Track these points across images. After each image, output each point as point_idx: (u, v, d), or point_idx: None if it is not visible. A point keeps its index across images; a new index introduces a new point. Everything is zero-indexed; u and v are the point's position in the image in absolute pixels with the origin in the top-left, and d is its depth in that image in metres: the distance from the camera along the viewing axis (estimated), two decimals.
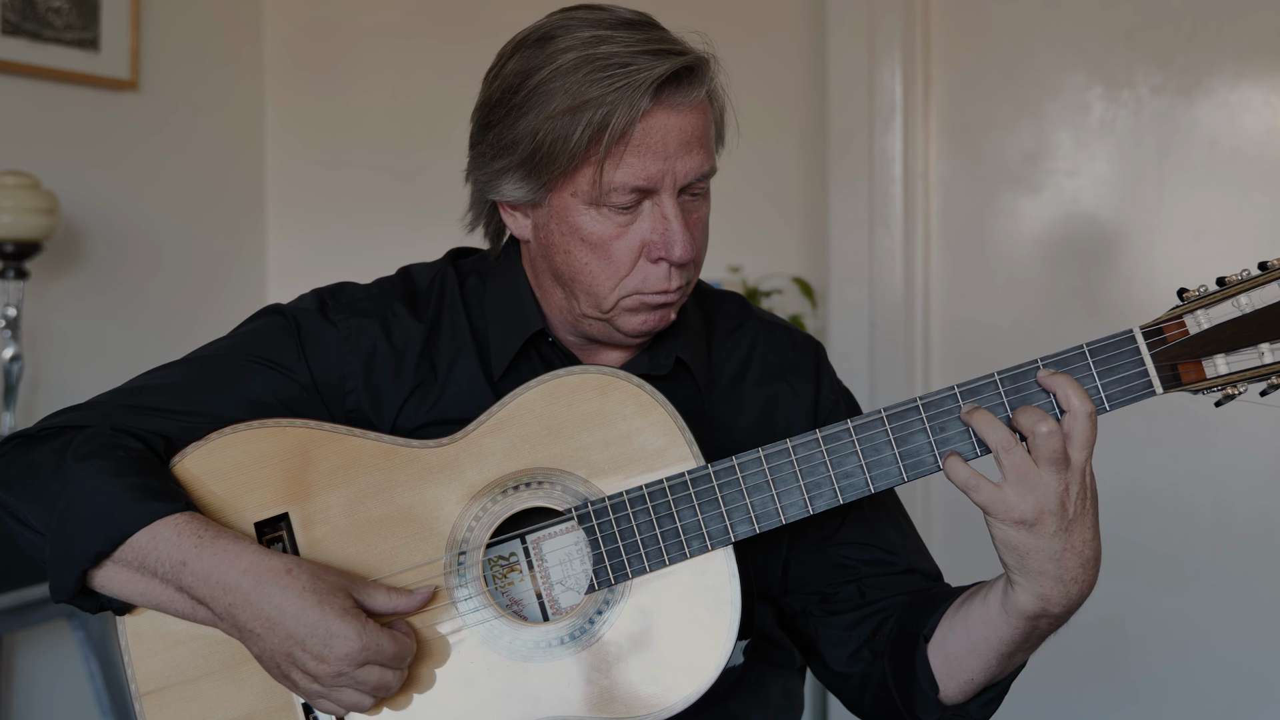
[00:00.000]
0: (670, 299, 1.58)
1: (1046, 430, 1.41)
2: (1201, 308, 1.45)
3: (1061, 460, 1.42)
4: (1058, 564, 1.44)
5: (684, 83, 1.52)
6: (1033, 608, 1.47)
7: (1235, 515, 3.28)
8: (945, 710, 1.59)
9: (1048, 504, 1.42)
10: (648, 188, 1.53)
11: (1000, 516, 1.43)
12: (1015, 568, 1.46)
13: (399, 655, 1.46)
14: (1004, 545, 1.45)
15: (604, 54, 1.50)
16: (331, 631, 1.43)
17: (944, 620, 1.57)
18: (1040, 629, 1.50)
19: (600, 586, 1.52)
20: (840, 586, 1.68)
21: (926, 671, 1.57)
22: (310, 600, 1.44)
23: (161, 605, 1.52)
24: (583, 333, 1.64)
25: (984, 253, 3.46)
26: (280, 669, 1.47)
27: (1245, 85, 3.25)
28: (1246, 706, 3.29)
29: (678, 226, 1.54)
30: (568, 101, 1.50)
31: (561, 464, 1.54)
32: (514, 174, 1.56)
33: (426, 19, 3.83)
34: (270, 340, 1.65)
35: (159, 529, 1.48)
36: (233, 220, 3.89)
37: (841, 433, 1.50)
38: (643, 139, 1.51)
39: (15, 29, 3.21)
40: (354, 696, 1.46)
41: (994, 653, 1.53)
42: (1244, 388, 1.45)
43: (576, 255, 1.57)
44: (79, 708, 3.36)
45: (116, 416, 1.58)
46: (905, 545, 1.71)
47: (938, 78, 3.48)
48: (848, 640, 1.67)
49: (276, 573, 1.46)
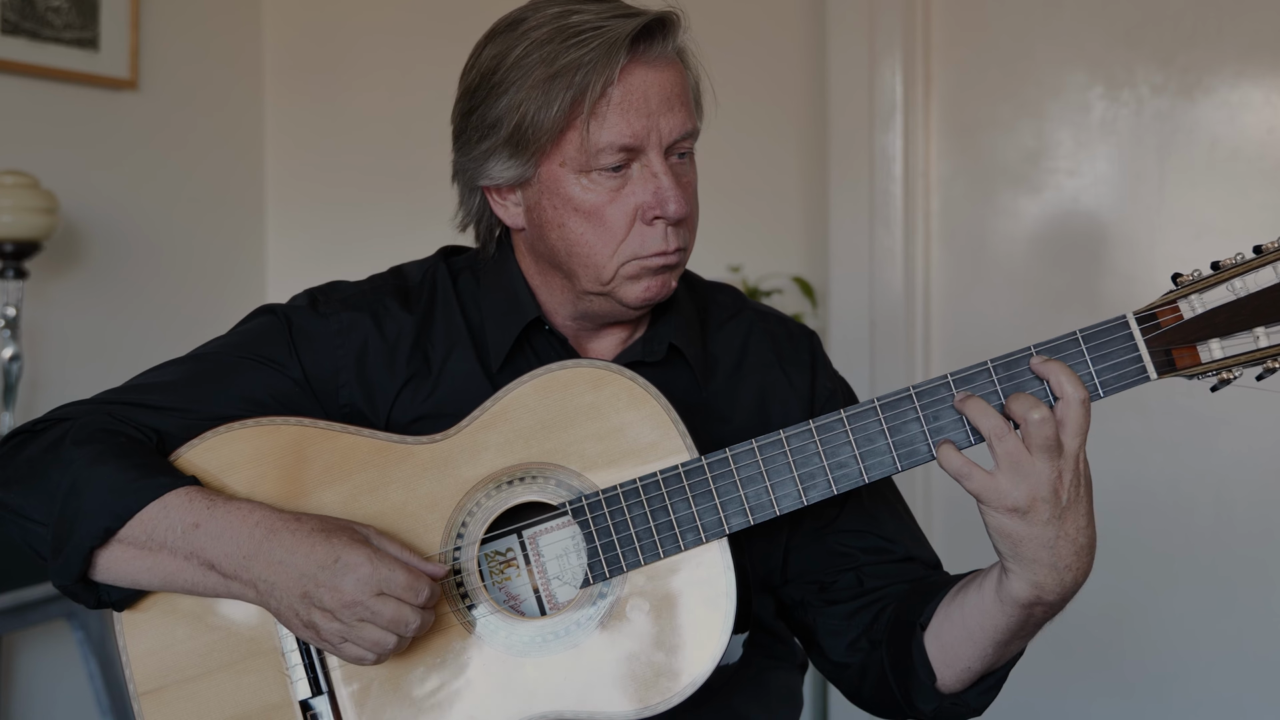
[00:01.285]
0: (669, 260, 1.58)
1: (1039, 417, 1.41)
2: (1195, 292, 1.45)
3: (1054, 447, 1.42)
4: (1051, 551, 1.44)
5: (657, 37, 1.54)
6: (1027, 595, 1.47)
7: (1236, 515, 3.27)
8: (943, 699, 1.59)
9: (1040, 491, 1.42)
10: (634, 145, 1.54)
11: (993, 504, 1.43)
12: (1009, 555, 1.46)
13: (411, 585, 1.44)
14: (997, 533, 1.45)
15: (575, 23, 1.52)
16: (340, 559, 1.43)
17: (940, 609, 1.57)
18: (1035, 616, 1.50)
19: (595, 580, 1.52)
20: (839, 575, 1.68)
21: (924, 660, 1.57)
22: (319, 538, 1.45)
23: (169, 579, 1.51)
24: (584, 312, 1.64)
25: (984, 252, 3.46)
26: (299, 616, 1.46)
27: (1246, 84, 3.25)
28: (1246, 706, 3.28)
29: (669, 183, 1.55)
30: (545, 70, 1.51)
31: (555, 458, 1.53)
32: (501, 153, 1.57)
33: (426, 20, 3.83)
34: (263, 338, 1.66)
35: (169, 499, 1.49)
36: (232, 220, 3.89)
37: (835, 423, 1.50)
38: (624, 96, 1.52)
39: (14, 28, 3.21)
40: (374, 633, 1.44)
41: (990, 641, 1.53)
42: (1239, 372, 1.45)
43: (571, 227, 1.57)
44: (78, 708, 3.35)
45: (111, 414, 1.59)
46: (903, 533, 1.71)
47: (938, 77, 3.48)
48: (846, 630, 1.67)
49: (286, 521, 1.47)
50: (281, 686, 1.54)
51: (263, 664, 1.54)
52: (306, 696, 1.54)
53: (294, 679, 1.54)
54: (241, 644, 1.55)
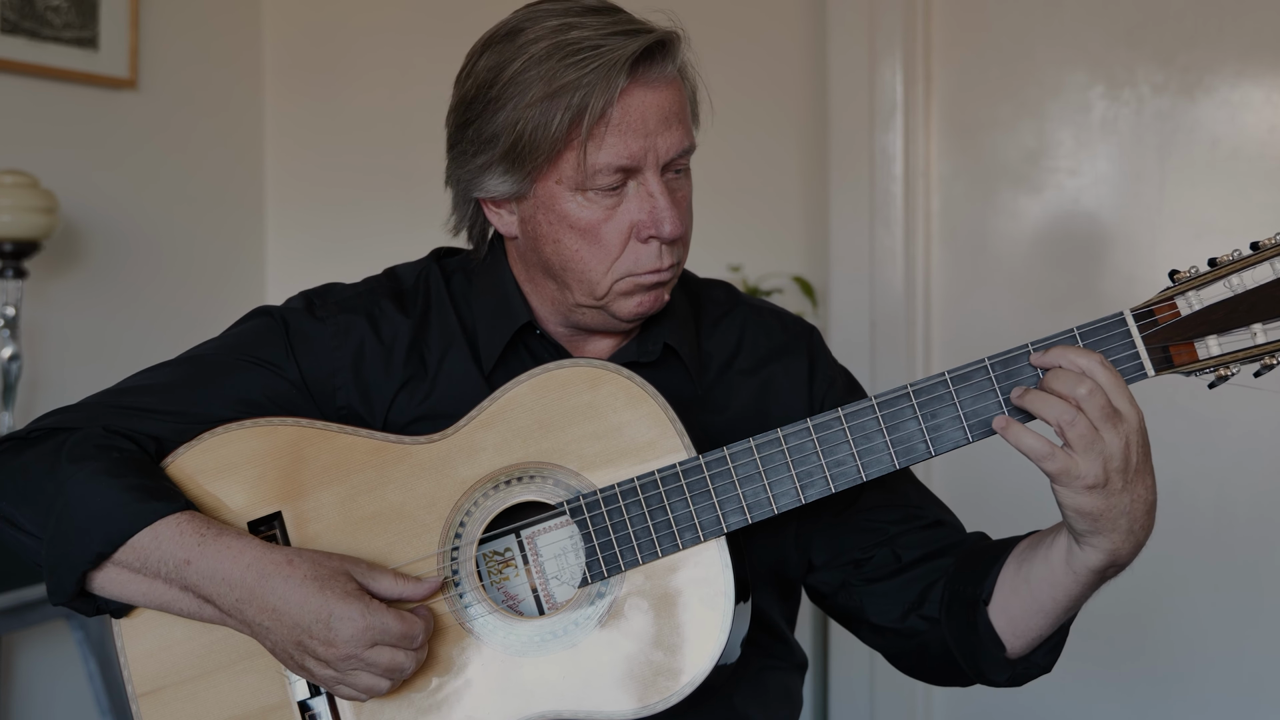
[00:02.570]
0: (663, 278, 1.58)
1: (1086, 390, 1.41)
2: (1193, 289, 1.44)
3: (1113, 414, 1.42)
4: (1128, 517, 1.45)
5: (657, 58, 1.53)
6: (1103, 562, 1.49)
7: (1237, 515, 3.27)
8: (1015, 666, 1.61)
9: (1114, 463, 1.42)
10: (631, 166, 1.53)
11: (1070, 485, 1.43)
12: (1087, 531, 1.46)
13: (406, 635, 1.46)
14: (1076, 512, 1.45)
15: (574, 39, 1.51)
16: (334, 614, 1.44)
17: (1003, 583, 1.58)
18: (1107, 577, 1.53)
19: (593, 580, 1.52)
20: (874, 550, 1.69)
21: (992, 636, 1.58)
22: (312, 588, 1.45)
23: (165, 605, 1.52)
24: (576, 323, 1.64)
25: (985, 252, 3.46)
26: (294, 659, 1.47)
27: (1247, 84, 3.24)
28: (1247, 705, 3.28)
29: (664, 203, 1.55)
30: (544, 88, 1.51)
31: (553, 458, 1.53)
32: (497, 168, 1.57)
33: (426, 19, 3.83)
34: (259, 340, 1.66)
35: (160, 529, 1.48)
36: (232, 220, 3.89)
37: (832, 421, 1.50)
38: (622, 118, 1.52)
39: (14, 27, 3.21)
40: (368, 679, 1.46)
41: (1061, 609, 1.55)
42: (1237, 369, 1.45)
43: (566, 243, 1.57)
44: (78, 708, 3.35)
45: (107, 418, 1.58)
46: (927, 499, 1.72)
47: (939, 76, 3.47)
48: (895, 605, 1.67)
49: (278, 565, 1.47)
50: (280, 687, 1.54)
51: (261, 665, 1.54)
52: (305, 697, 1.54)
53: (292, 679, 1.54)
54: (240, 645, 1.54)
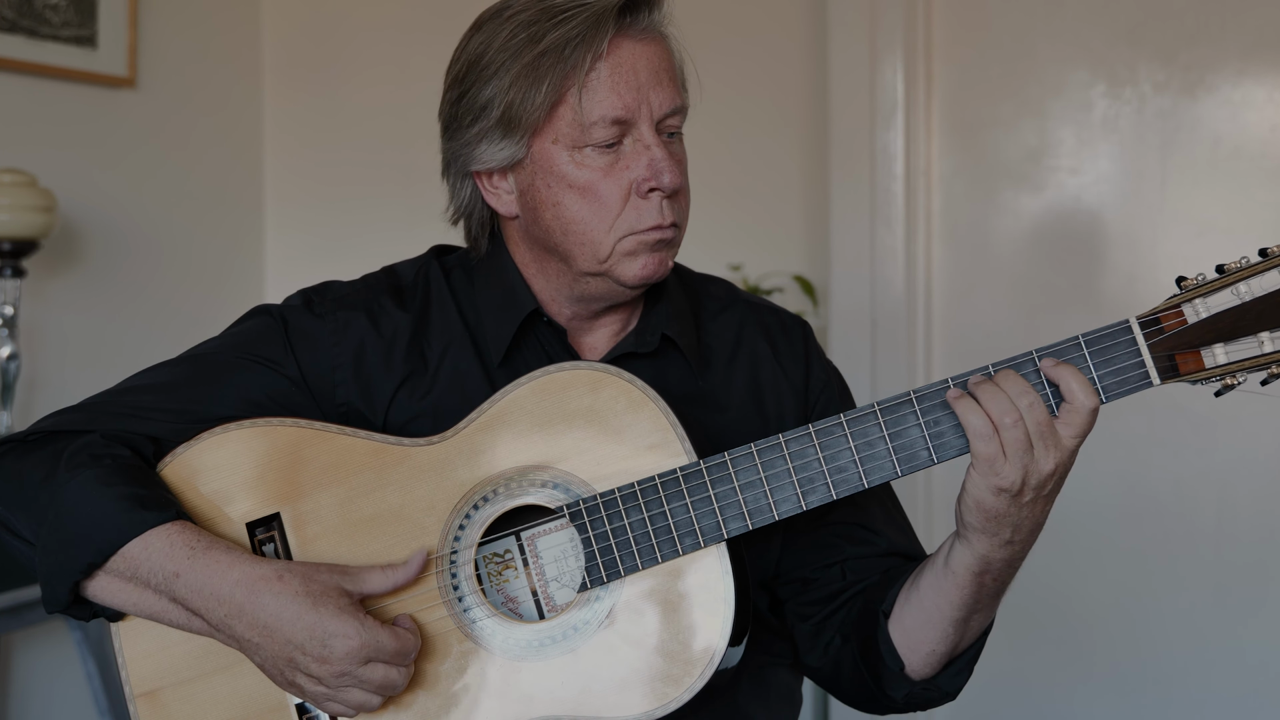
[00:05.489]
0: (666, 235, 1.58)
1: (1028, 404, 1.43)
2: (1200, 296, 1.43)
3: (1052, 438, 1.44)
4: (1015, 529, 1.48)
5: (642, 10, 1.56)
6: (975, 564, 1.50)
7: (1238, 515, 3.27)
8: (914, 685, 1.61)
9: (1032, 479, 1.44)
10: (626, 118, 1.55)
11: (988, 476, 1.44)
12: (975, 526, 1.48)
13: (401, 651, 1.46)
14: (976, 504, 1.47)
15: (559, 2, 1.55)
16: (329, 631, 1.43)
17: (900, 594, 1.59)
18: (987, 586, 1.53)
19: (592, 584, 1.51)
20: (823, 570, 1.69)
21: (890, 648, 1.59)
22: (305, 604, 1.44)
23: (156, 615, 1.52)
24: (581, 295, 1.63)
25: (986, 250, 3.45)
26: (284, 675, 1.47)
27: (1248, 82, 3.24)
28: (1247, 705, 3.27)
29: (662, 154, 1.56)
30: (533, 49, 1.53)
31: (553, 461, 1.53)
32: (493, 135, 1.58)
33: (425, 16, 3.82)
34: (259, 338, 1.65)
35: (150, 539, 1.48)
36: (231, 218, 3.88)
37: (834, 426, 1.49)
38: (614, 70, 1.54)
39: (12, 26, 3.20)
40: (360, 696, 1.46)
41: (947, 619, 1.55)
42: (1244, 377, 1.44)
43: (566, 205, 1.57)
44: (77, 708, 3.35)
45: (106, 418, 1.58)
46: (890, 526, 1.72)
47: (939, 75, 3.47)
48: (823, 631, 1.68)
49: (268, 580, 1.46)
50: (278, 689, 1.53)
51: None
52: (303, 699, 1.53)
53: None
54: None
